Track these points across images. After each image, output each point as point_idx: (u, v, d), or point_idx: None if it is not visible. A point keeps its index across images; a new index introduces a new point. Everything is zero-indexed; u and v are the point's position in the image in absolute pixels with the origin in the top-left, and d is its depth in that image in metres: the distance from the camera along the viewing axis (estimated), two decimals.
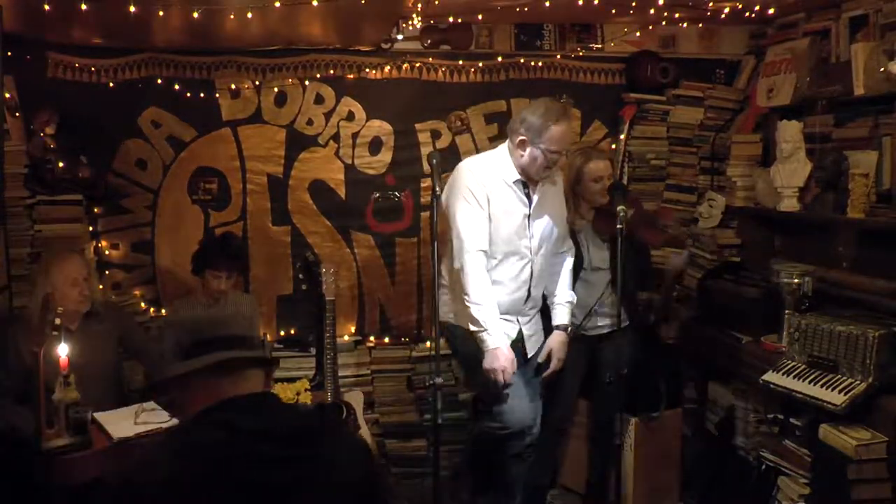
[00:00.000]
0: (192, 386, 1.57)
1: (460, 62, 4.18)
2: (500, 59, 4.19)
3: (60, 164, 3.71)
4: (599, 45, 4.22)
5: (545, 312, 3.44)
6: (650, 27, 4.15)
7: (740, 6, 3.68)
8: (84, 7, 2.89)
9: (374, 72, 4.13)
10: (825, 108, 3.50)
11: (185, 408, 1.58)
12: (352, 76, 4.13)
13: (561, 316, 3.37)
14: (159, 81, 3.97)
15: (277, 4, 2.94)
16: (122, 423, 2.92)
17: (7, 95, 3.50)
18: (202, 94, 4.03)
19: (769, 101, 3.84)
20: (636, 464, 3.65)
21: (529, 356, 3.33)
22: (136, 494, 1.39)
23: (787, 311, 3.28)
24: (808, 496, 2.88)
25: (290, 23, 3.50)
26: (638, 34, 4.19)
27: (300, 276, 4.11)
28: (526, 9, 3.58)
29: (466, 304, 3.07)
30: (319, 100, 4.15)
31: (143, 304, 4.09)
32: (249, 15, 3.12)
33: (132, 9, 2.87)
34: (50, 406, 2.73)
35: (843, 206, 3.19)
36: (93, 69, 3.91)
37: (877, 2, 3.21)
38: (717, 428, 3.73)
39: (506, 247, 3.15)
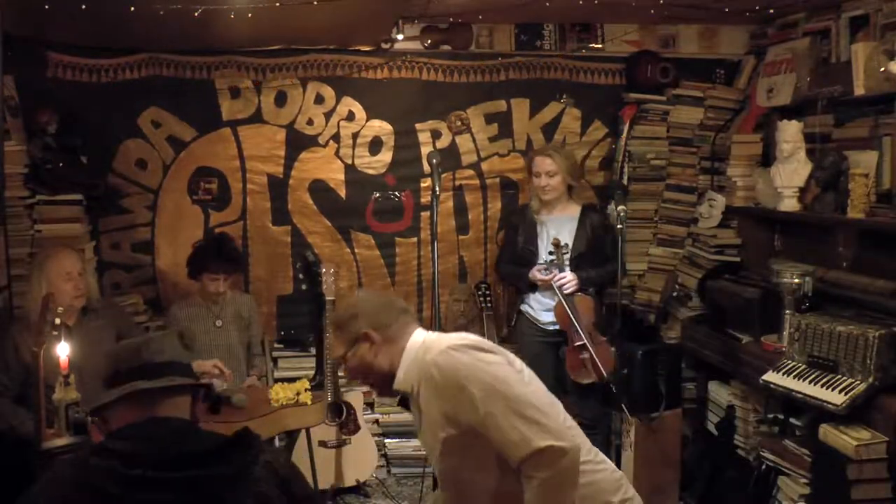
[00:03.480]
0: (113, 414, 1.60)
1: (460, 62, 4.18)
2: (500, 59, 4.18)
3: (60, 164, 3.71)
4: (599, 45, 4.22)
5: None
6: (650, 27, 4.15)
7: (740, 6, 3.68)
8: (84, 7, 2.89)
9: (374, 72, 4.13)
10: (825, 108, 3.50)
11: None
12: (352, 76, 4.13)
13: None
14: (159, 81, 3.97)
15: (277, 4, 2.94)
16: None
17: (7, 95, 3.50)
18: (202, 94, 4.03)
19: (769, 101, 3.84)
20: (636, 464, 3.64)
21: None
22: None
23: (787, 311, 3.28)
24: (808, 496, 2.88)
25: (290, 23, 3.50)
26: (638, 34, 4.19)
27: (300, 276, 4.12)
28: (526, 9, 3.58)
29: None
30: (319, 100, 4.15)
31: (143, 304, 4.09)
32: (249, 15, 3.13)
33: (132, 9, 2.87)
34: (50, 406, 2.73)
35: (843, 206, 3.19)
36: (93, 69, 3.91)
37: (877, 2, 3.21)
38: (717, 428, 3.73)
39: None
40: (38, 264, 3.28)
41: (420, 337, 2.06)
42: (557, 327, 3.69)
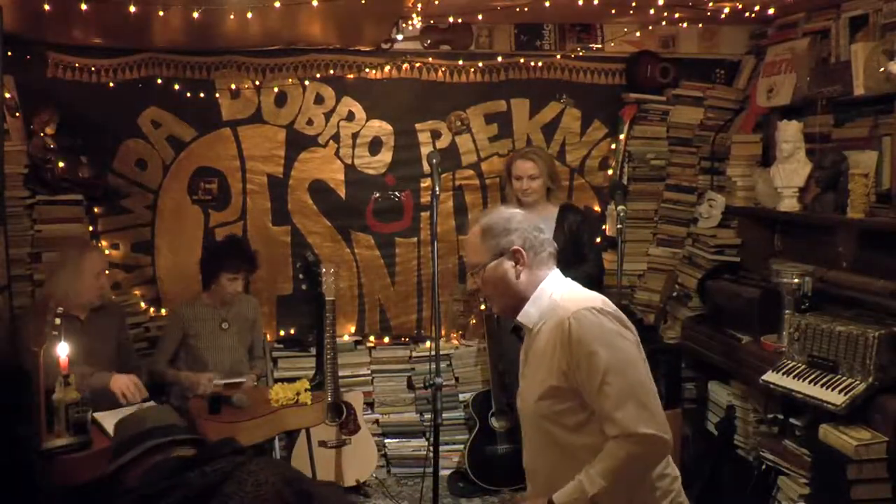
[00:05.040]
0: (131, 473, 1.88)
1: (460, 62, 4.18)
2: (500, 59, 4.18)
3: (60, 164, 3.71)
4: (599, 45, 4.22)
5: None
6: (650, 27, 4.15)
7: (740, 6, 3.67)
8: (84, 7, 2.89)
9: (374, 72, 4.13)
10: (825, 108, 3.50)
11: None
12: (352, 76, 4.13)
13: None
14: (159, 81, 3.98)
15: (277, 4, 2.94)
16: (123, 410, 2.93)
17: (7, 95, 3.51)
18: (202, 94, 4.03)
19: (769, 101, 3.84)
20: None
21: None
22: None
23: (787, 311, 3.28)
24: (808, 496, 2.88)
25: (290, 23, 3.50)
26: (638, 34, 4.19)
27: (300, 276, 4.12)
28: (526, 9, 3.58)
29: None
30: (319, 100, 4.15)
31: (143, 304, 4.09)
32: (249, 15, 3.12)
33: (132, 9, 2.86)
34: (50, 406, 2.73)
35: (843, 206, 3.19)
36: (93, 69, 3.91)
37: (877, 2, 3.21)
38: (717, 428, 3.73)
39: None
40: (74, 257, 3.31)
41: (559, 278, 2.04)
42: None
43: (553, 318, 1.95)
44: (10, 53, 3.35)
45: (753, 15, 3.85)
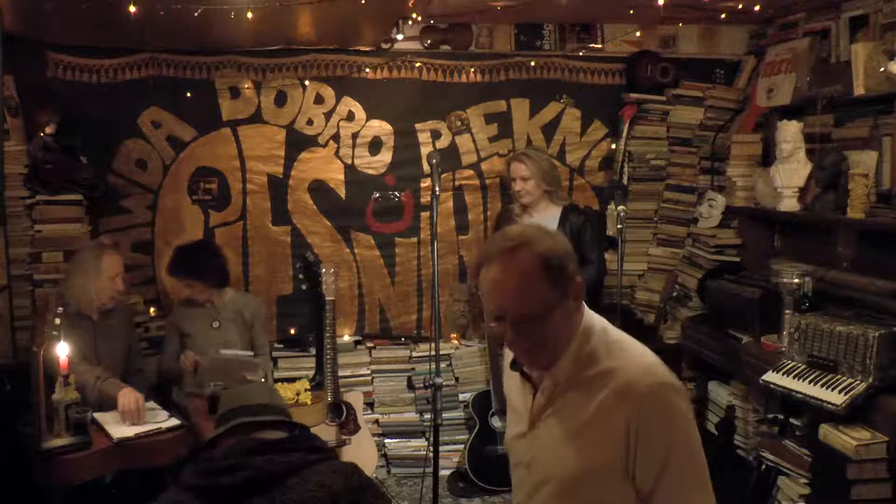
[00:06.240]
0: (215, 449, 1.96)
1: (460, 62, 4.18)
2: (500, 59, 4.18)
3: (60, 164, 3.71)
4: (599, 45, 4.22)
5: None
6: (650, 27, 4.15)
7: (740, 6, 3.68)
8: (84, 7, 2.89)
9: (374, 72, 4.13)
10: (825, 108, 3.50)
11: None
12: (352, 76, 4.13)
13: None
14: (159, 81, 3.97)
15: (278, 4, 2.94)
16: (121, 423, 2.94)
17: (7, 95, 3.51)
18: (202, 94, 4.03)
19: (769, 101, 3.84)
20: None
21: None
22: None
23: (787, 311, 3.28)
24: (808, 496, 2.88)
25: (290, 23, 3.50)
26: (638, 34, 4.19)
27: (300, 276, 4.12)
28: (526, 9, 3.58)
29: None
30: (319, 100, 4.15)
31: (143, 304, 4.09)
32: (249, 15, 3.12)
33: (132, 9, 2.86)
34: (50, 406, 2.74)
35: (843, 206, 3.19)
36: (93, 69, 3.91)
37: (877, 2, 3.21)
38: (717, 428, 3.73)
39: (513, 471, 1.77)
40: (93, 259, 3.33)
41: (598, 320, 1.61)
42: None
43: (602, 380, 1.53)
44: (10, 53, 3.34)
45: (753, 15, 3.86)
